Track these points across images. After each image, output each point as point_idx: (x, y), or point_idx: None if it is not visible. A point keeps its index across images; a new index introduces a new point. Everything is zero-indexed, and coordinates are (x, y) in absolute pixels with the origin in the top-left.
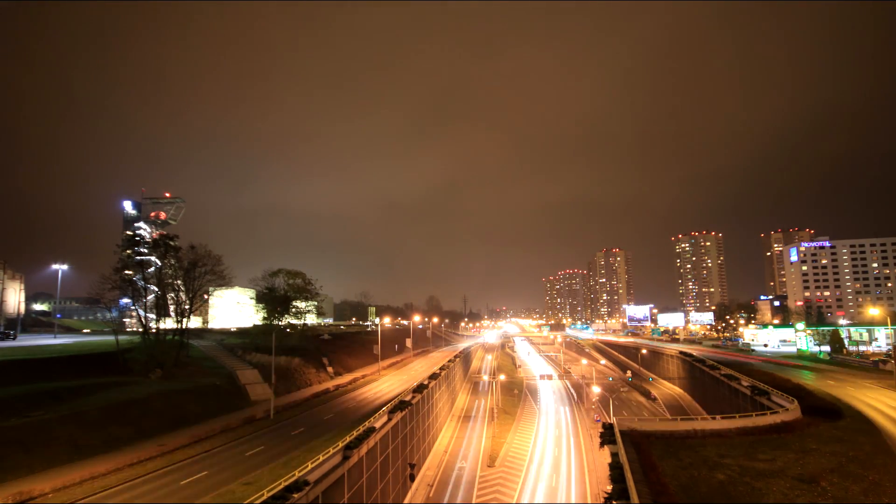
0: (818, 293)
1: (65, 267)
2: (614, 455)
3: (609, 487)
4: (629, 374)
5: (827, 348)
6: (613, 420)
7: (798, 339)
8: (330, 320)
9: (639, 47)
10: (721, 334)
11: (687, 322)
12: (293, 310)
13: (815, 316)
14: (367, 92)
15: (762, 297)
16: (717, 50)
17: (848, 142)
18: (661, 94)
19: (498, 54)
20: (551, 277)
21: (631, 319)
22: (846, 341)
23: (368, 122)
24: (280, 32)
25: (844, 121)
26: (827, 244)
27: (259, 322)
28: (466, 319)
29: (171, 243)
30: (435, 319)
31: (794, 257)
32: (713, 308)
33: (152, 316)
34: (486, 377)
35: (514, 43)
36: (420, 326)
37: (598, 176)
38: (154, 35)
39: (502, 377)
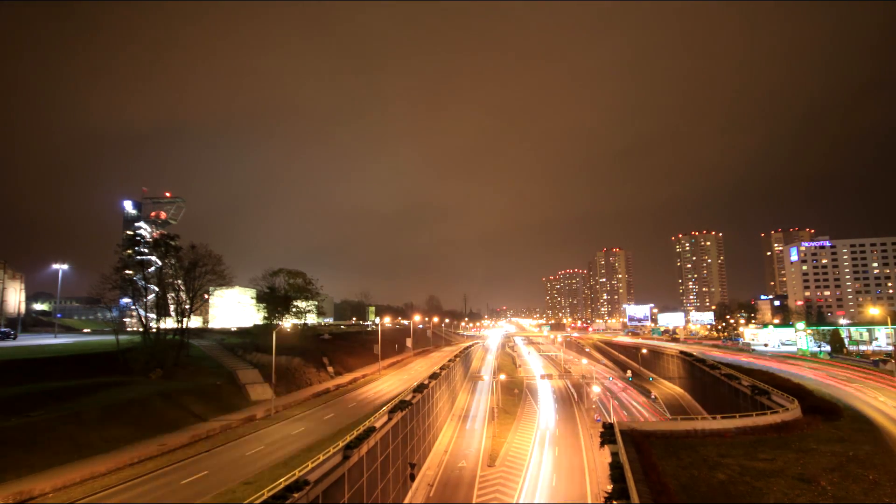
0: (818, 293)
1: (65, 267)
2: (614, 455)
3: (609, 487)
4: (629, 373)
5: (827, 348)
6: (613, 420)
7: (798, 338)
8: (330, 320)
9: (640, 42)
10: (721, 334)
11: (687, 322)
12: (294, 309)
13: (816, 315)
14: (367, 90)
15: (762, 297)
16: (718, 49)
17: (849, 139)
18: (662, 95)
19: (497, 62)
20: (551, 277)
21: (631, 319)
22: (846, 341)
23: (368, 121)
24: (281, 30)
25: (844, 118)
26: (827, 244)
27: (260, 322)
28: (467, 319)
29: (172, 243)
30: (435, 319)
31: (794, 257)
32: (713, 308)
33: (152, 316)
34: (486, 377)
35: (512, 51)
36: (420, 326)
37: (599, 177)
38: (153, 34)
39: (502, 377)
